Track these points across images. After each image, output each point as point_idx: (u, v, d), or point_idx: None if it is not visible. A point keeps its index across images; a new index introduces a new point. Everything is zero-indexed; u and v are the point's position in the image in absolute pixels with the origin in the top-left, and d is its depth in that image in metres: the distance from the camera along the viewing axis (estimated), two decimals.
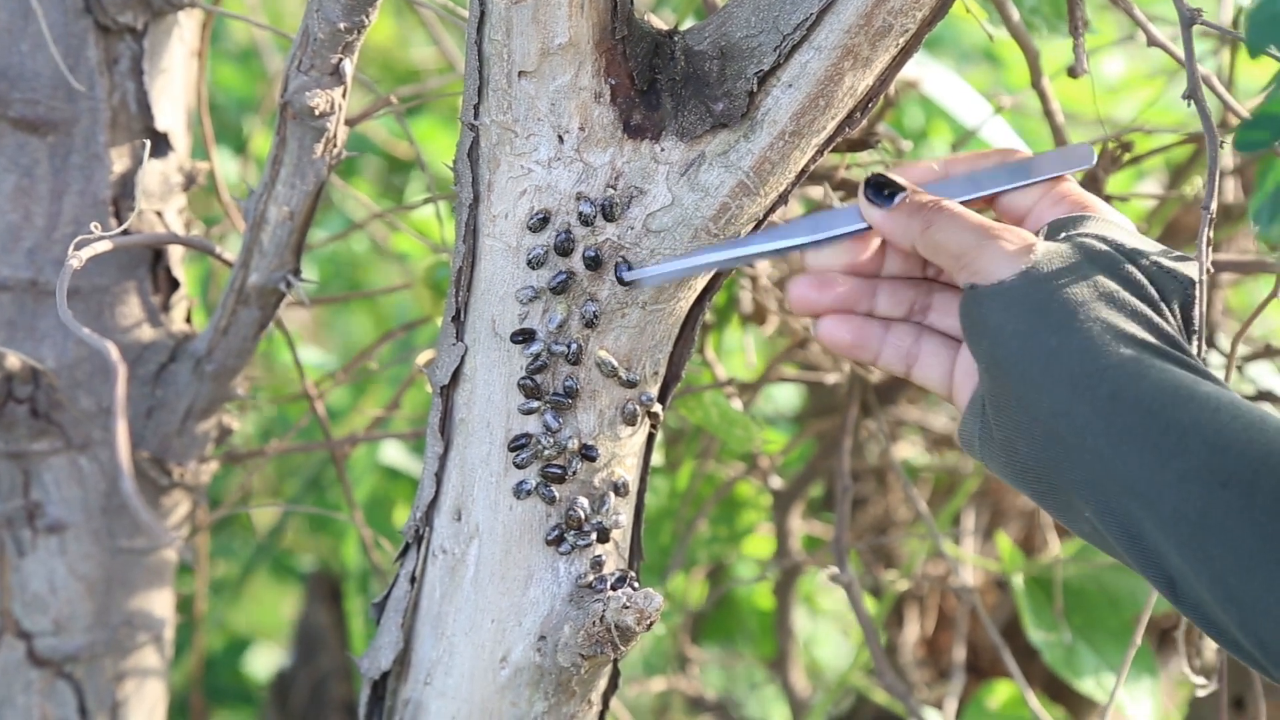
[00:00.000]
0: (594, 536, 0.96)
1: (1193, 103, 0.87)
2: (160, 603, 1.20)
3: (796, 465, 1.66)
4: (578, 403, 0.94)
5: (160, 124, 1.12)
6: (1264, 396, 1.40)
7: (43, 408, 1.11)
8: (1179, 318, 0.85)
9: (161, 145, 1.13)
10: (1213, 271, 0.98)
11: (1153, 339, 0.82)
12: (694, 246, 0.91)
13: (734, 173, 0.90)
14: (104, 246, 0.97)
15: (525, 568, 0.96)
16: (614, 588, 0.95)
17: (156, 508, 1.17)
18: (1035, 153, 0.94)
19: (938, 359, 0.92)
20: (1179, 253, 0.87)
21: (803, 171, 0.93)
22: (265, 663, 2.15)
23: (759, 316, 1.42)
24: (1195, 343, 0.85)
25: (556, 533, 0.96)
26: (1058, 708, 1.57)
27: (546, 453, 0.94)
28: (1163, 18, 1.37)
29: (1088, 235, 0.87)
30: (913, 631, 1.72)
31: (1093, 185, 1.17)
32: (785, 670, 1.66)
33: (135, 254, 1.13)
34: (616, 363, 0.94)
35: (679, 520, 1.53)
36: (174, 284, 1.15)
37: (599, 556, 0.97)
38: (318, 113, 0.98)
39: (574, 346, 0.93)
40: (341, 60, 0.97)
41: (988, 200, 0.93)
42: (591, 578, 0.97)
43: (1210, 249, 0.86)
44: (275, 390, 1.80)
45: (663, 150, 0.90)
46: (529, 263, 0.92)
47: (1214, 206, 0.86)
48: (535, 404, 0.94)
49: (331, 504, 1.81)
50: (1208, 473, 0.77)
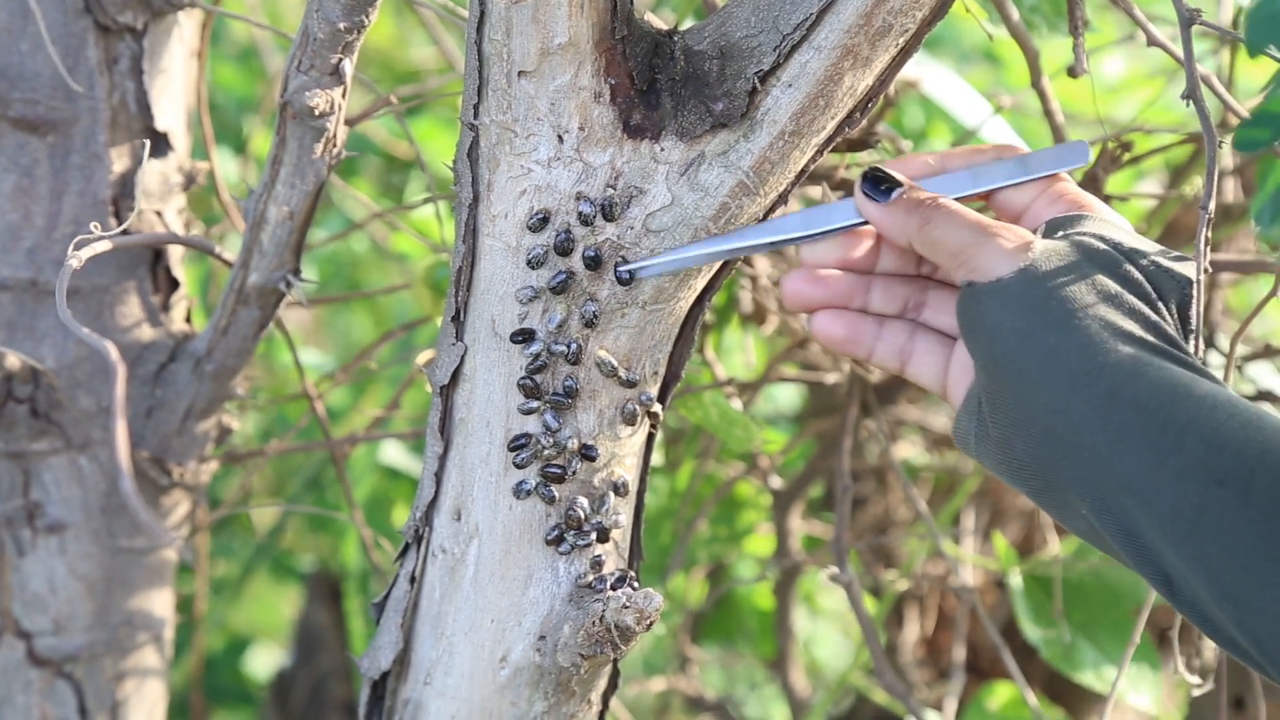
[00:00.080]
0: (594, 536, 0.96)
1: (1192, 103, 0.87)
2: (160, 602, 1.20)
3: (796, 465, 1.66)
4: (577, 402, 0.94)
5: (160, 124, 1.12)
6: (1263, 396, 1.40)
7: (43, 407, 1.11)
8: (1177, 317, 0.85)
9: (161, 145, 1.13)
10: (1211, 271, 0.98)
11: (1151, 338, 0.82)
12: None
13: (734, 172, 0.90)
14: (104, 246, 0.96)
15: (525, 567, 0.96)
16: (614, 587, 0.95)
17: (156, 508, 1.17)
18: (1032, 150, 0.94)
19: (932, 356, 0.92)
20: (1177, 253, 0.87)
21: (803, 171, 0.93)
22: (265, 663, 2.15)
23: (759, 316, 1.42)
24: (1193, 342, 0.85)
25: (556, 532, 0.96)
26: (1057, 708, 1.57)
27: (546, 452, 0.94)
28: (1163, 17, 1.37)
29: (1086, 234, 0.87)
30: (912, 631, 1.72)
31: (1092, 185, 1.17)
32: (785, 670, 1.66)
33: (135, 254, 1.13)
34: (616, 362, 0.94)
35: (679, 520, 1.53)
36: (174, 284, 1.15)
37: (599, 556, 0.97)
38: (317, 112, 0.98)
39: (574, 346, 0.93)
40: (341, 60, 0.97)
41: (984, 197, 0.93)
42: (591, 577, 0.96)
43: (1209, 249, 0.86)
44: (275, 390, 1.80)
45: (662, 150, 0.90)
46: (529, 262, 0.92)
47: (1212, 206, 0.86)
48: (535, 404, 0.94)
49: (331, 504, 1.81)
50: (1205, 471, 0.77)
